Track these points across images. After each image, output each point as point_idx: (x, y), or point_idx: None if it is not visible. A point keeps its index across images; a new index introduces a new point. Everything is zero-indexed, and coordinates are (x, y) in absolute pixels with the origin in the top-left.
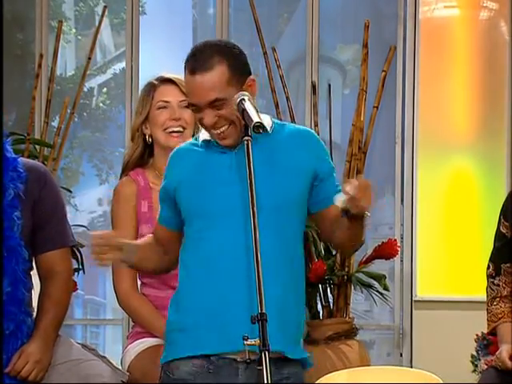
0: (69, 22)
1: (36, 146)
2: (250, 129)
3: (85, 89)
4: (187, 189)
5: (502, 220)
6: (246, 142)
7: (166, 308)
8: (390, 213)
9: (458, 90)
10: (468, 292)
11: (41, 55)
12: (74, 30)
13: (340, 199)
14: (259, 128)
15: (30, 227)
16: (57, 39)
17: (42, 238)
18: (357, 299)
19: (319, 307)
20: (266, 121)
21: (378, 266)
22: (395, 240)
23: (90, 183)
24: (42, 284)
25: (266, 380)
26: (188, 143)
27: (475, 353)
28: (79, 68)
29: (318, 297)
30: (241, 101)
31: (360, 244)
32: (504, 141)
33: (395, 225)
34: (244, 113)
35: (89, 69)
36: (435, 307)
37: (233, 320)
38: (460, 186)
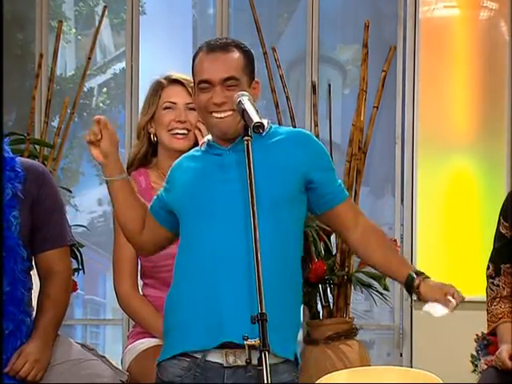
0: (69, 22)
1: (36, 146)
2: (250, 129)
3: (85, 89)
4: (184, 190)
5: (502, 220)
6: (246, 142)
7: None
8: (390, 213)
9: (458, 90)
10: (468, 292)
11: (41, 55)
12: (74, 30)
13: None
14: (259, 128)
15: (29, 227)
16: (57, 39)
17: (41, 238)
18: (357, 299)
19: (319, 307)
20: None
21: None
22: (395, 240)
23: (90, 183)
24: (42, 284)
25: (266, 380)
26: (193, 151)
27: (475, 353)
28: (79, 68)
29: (318, 297)
30: (241, 101)
31: None
32: (504, 141)
33: (395, 225)
34: (244, 113)
35: (89, 69)
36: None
37: (229, 318)
38: (460, 186)
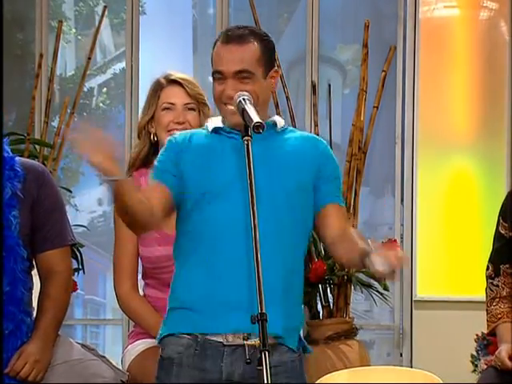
0: (69, 22)
1: (36, 146)
2: (250, 129)
3: (85, 89)
4: (195, 168)
5: (501, 221)
6: (246, 142)
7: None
8: (390, 213)
9: (458, 90)
10: (468, 292)
11: (41, 55)
12: (74, 30)
13: (380, 266)
14: (259, 128)
15: (29, 226)
16: (57, 39)
17: (42, 238)
18: (357, 299)
19: (319, 307)
20: (279, 121)
21: None
22: (395, 240)
23: (90, 183)
24: (42, 283)
25: (266, 380)
26: (193, 130)
27: (475, 353)
28: (79, 68)
29: (318, 297)
30: (241, 101)
31: None
32: (504, 141)
33: (395, 225)
34: (244, 113)
35: (89, 69)
36: (435, 307)
37: (227, 301)
38: (460, 186)
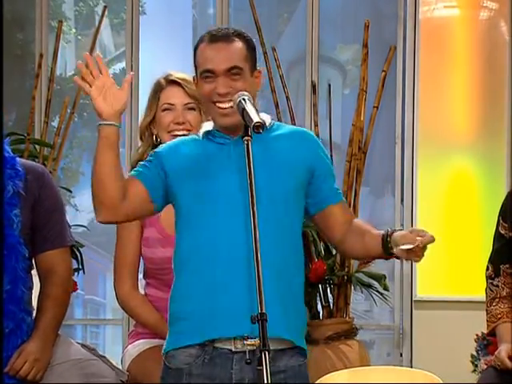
0: (69, 22)
1: (36, 146)
2: (250, 129)
3: None
4: (185, 177)
5: (501, 221)
6: (246, 142)
7: (167, 309)
8: (390, 213)
9: (458, 90)
10: (468, 292)
11: (41, 55)
12: (74, 30)
13: (402, 247)
14: (259, 128)
15: (30, 226)
16: (57, 39)
17: (42, 238)
18: (357, 299)
19: (319, 307)
20: (266, 118)
21: (378, 266)
22: None
23: (90, 183)
24: (42, 284)
25: (266, 380)
26: (181, 138)
27: (475, 353)
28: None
29: (318, 297)
30: (241, 101)
31: None
32: (504, 141)
33: (395, 225)
34: (244, 113)
35: None
36: (435, 307)
37: (230, 307)
38: (460, 186)
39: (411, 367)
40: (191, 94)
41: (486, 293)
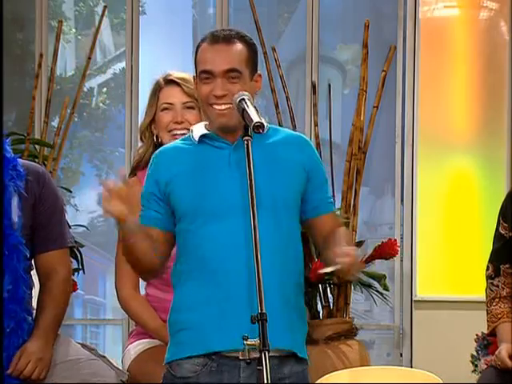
0: (69, 22)
1: (36, 146)
2: (250, 129)
3: (85, 89)
4: (183, 184)
5: (501, 221)
6: (246, 142)
7: (167, 310)
8: (390, 213)
9: (458, 90)
10: (468, 292)
11: (41, 55)
12: (74, 30)
13: (330, 269)
14: (259, 128)
15: (30, 226)
16: (57, 39)
17: (41, 239)
18: (357, 299)
19: (319, 307)
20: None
21: (378, 266)
22: (395, 240)
23: (90, 183)
24: (42, 284)
25: (266, 380)
26: (175, 142)
27: (475, 353)
28: (79, 68)
29: (318, 297)
30: (241, 101)
31: None
32: (504, 141)
33: (395, 225)
34: (244, 112)
35: (89, 69)
36: (435, 307)
37: (235, 318)
38: (460, 186)
39: (411, 367)
40: (190, 93)
41: (486, 293)
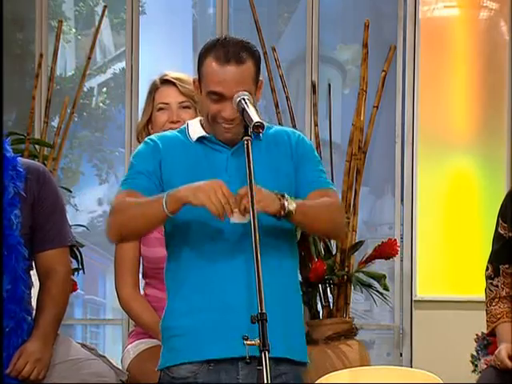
0: (69, 22)
1: (36, 146)
2: (250, 129)
3: (85, 89)
4: (182, 184)
5: (500, 221)
6: (246, 142)
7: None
8: (390, 213)
9: (458, 90)
10: (468, 292)
11: (41, 55)
12: (74, 30)
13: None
14: (259, 128)
15: (30, 226)
16: (57, 39)
17: (41, 238)
18: (357, 299)
19: (319, 307)
20: None
21: (378, 266)
22: (395, 240)
23: (90, 183)
24: (41, 283)
25: (266, 380)
26: (172, 133)
27: (475, 353)
28: (79, 68)
29: (318, 297)
30: (241, 100)
31: (326, 232)
32: (504, 141)
33: (395, 225)
34: (244, 112)
35: (89, 69)
36: (435, 307)
37: (233, 323)
38: (460, 186)
39: (411, 367)
40: (186, 93)
41: (486, 293)
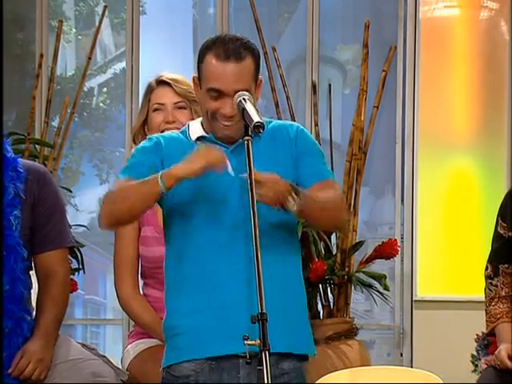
0: (69, 22)
1: (36, 146)
2: (250, 128)
3: (85, 89)
4: (182, 184)
5: (500, 221)
6: (247, 142)
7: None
8: (390, 213)
9: (458, 90)
10: (468, 292)
11: (41, 55)
12: (74, 30)
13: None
14: (259, 127)
15: (30, 227)
16: (57, 39)
17: (41, 238)
18: (357, 299)
19: (319, 307)
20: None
21: (378, 266)
22: (395, 240)
23: (90, 183)
24: (41, 284)
25: (266, 380)
26: (174, 133)
27: (475, 353)
28: (79, 68)
29: (318, 297)
30: (241, 100)
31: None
32: (504, 141)
33: (395, 225)
34: (244, 112)
35: (89, 69)
36: (435, 307)
37: (234, 321)
38: (460, 186)
39: (411, 367)
40: (181, 94)
41: (485, 293)
